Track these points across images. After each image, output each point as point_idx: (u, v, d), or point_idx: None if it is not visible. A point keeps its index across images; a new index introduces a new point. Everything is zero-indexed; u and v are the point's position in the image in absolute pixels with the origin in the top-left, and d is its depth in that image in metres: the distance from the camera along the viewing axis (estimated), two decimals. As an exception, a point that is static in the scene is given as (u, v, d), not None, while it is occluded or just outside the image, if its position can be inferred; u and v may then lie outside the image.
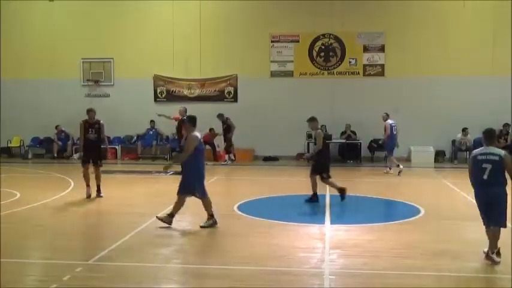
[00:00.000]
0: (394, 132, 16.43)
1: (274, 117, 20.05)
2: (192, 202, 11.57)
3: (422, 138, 19.80)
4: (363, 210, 11.11)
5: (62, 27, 21.10)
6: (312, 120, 11.54)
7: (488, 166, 6.67)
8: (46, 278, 6.29)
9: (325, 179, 11.26)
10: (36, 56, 21.17)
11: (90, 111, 11.83)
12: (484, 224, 6.87)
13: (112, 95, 21.31)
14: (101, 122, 11.78)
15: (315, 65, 20.57)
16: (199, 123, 9.02)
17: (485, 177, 6.71)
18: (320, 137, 11.25)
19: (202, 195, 8.81)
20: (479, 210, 6.95)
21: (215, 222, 8.72)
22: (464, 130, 19.33)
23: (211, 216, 8.77)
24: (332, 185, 11.33)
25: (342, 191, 11.13)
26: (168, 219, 8.75)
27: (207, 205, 8.81)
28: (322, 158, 11.35)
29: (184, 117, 15.30)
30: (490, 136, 6.91)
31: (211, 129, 19.92)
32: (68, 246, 7.73)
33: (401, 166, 16.03)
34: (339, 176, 16.15)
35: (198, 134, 8.74)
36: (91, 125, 11.66)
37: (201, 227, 8.64)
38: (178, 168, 9.46)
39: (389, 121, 16.64)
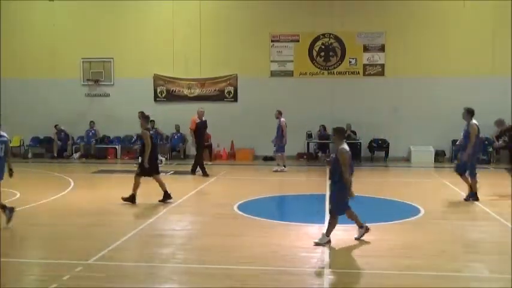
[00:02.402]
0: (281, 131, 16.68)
1: (274, 117, 20.02)
2: (192, 202, 11.60)
3: (422, 138, 19.82)
4: (363, 210, 11.07)
5: (62, 27, 21.10)
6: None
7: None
8: (46, 277, 6.29)
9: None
10: (36, 56, 21.17)
11: None
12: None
13: (112, 94, 21.31)
14: None
15: (315, 64, 20.57)
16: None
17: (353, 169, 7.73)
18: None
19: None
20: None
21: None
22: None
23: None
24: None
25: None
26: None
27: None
28: None
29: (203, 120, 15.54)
30: (341, 133, 7.77)
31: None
32: (68, 246, 7.73)
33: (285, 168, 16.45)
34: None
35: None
36: None
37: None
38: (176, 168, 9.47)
39: (282, 119, 16.93)
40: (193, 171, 15.53)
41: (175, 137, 20.79)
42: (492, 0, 19.49)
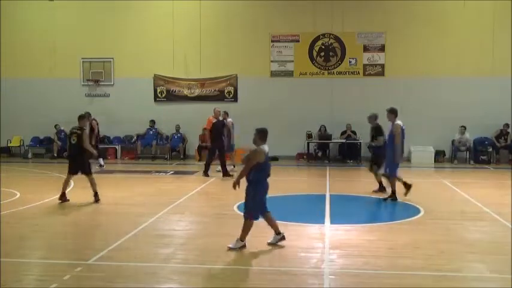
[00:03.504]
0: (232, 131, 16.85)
1: (274, 117, 20.04)
2: (192, 202, 11.60)
3: (422, 138, 19.80)
4: (363, 210, 11.12)
5: (62, 27, 21.10)
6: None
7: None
8: (46, 277, 6.29)
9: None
10: (36, 56, 21.17)
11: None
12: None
13: (112, 94, 21.32)
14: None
15: (315, 65, 20.57)
16: (199, 123, 9.01)
17: (270, 173, 7.64)
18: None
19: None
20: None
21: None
22: (461, 129, 19.31)
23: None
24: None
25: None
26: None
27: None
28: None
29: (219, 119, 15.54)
30: (263, 134, 7.61)
31: (204, 129, 20.01)
32: (68, 246, 7.73)
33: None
34: (339, 176, 16.21)
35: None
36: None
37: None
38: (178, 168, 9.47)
39: (229, 119, 17.03)
40: (206, 173, 15.30)
41: (175, 137, 20.79)
42: (492, 0, 19.49)
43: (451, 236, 8.43)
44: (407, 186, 11.43)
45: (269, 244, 7.57)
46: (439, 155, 19.72)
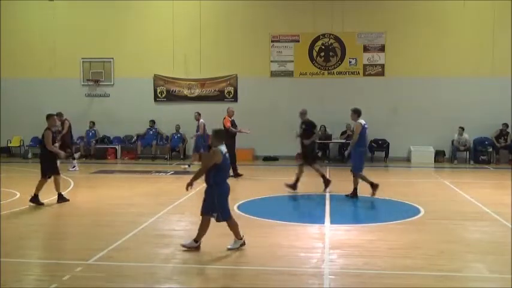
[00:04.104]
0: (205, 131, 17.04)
1: (274, 117, 20.04)
2: (192, 202, 11.58)
3: (422, 138, 19.82)
4: (363, 210, 11.12)
5: (62, 27, 21.10)
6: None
7: None
8: (46, 277, 6.30)
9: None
10: (36, 56, 21.17)
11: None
12: None
13: (112, 94, 21.31)
14: None
15: (315, 65, 20.57)
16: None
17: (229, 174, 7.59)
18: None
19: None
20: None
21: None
22: (460, 130, 19.31)
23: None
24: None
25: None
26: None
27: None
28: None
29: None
30: (220, 135, 7.46)
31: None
32: (67, 246, 7.73)
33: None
34: (339, 176, 16.18)
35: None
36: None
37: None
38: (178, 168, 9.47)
39: (201, 120, 17.21)
40: (236, 173, 15.26)
41: (175, 137, 20.79)
42: (492, 0, 19.49)
43: (451, 236, 8.43)
44: (374, 186, 11.50)
45: (229, 249, 7.35)
46: (439, 155, 19.72)
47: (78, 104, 21.28)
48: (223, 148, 7.29)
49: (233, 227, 7.47)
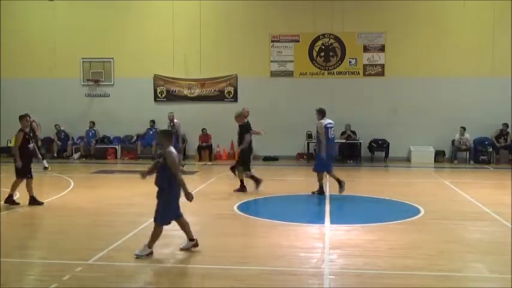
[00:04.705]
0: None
1: (274, 117, 20.03)
2: (192, 202, 11.55)
3: (422, 138, 19.83)
4: (363, 210, 11.12)
5: (62, 27, 21.10)
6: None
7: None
8: (46, 277, 6.29)
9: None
10: (36, 56, 21.17)
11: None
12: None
13: (112, 94, 21.32)
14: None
15: (315, 65, 20.57)
16: (199, 123, 9.01)
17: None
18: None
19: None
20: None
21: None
22: (461, 130, 19.31)
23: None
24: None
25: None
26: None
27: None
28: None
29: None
30: (169, 136, 7.25)
31: (203, 130, 20.12)
32: (67, 246, 7.72)
33: None
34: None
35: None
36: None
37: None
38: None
39: (176, 120, 17.21)
40: (251, 176, 15.29)
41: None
42: (492, 0, 19.49)
43: (451, 236, 8.43)
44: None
45: (182, 249, 7.28)
46: (439, 155, 19.73)
47: (78, 104, 21.30)
48: (173, 149, 7.11)
49: (184, 227, 7.33)
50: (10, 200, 10.69)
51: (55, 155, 20.70)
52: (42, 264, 6.95)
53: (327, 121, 11.91)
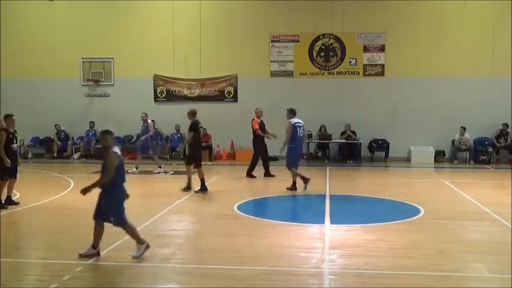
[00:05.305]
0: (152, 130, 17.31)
1: (274, 117, 19.98)
2: (192, 202, 11.57)
3: (422, 138, 19.82)
4: (363, 210, 11.12)
5: (62, 27, 21.10)
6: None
7: None
8: (46, 277, 6.29)
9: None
10: (36, 56, 21.17)
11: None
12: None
13: (112, 94, 21.32)
14: None
15: (315, 65, 20.57)
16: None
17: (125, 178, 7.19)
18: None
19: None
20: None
21: None
22: (461, 130, 19.31)
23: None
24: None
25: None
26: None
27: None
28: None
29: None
30: (112, 136, 7.07)
31: (203, 130, 20.06)
32: (67, 246, 7.72)
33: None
34: (339, 176, 16.20)
35: None
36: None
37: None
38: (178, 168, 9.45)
39: (149, 120, 17.24)
40: (250, 174, 15.25)
41: (175, 137, 20.79)
42: (492, 0, 19.49)
43: (451, 236, 8.43)
44: (306, 180, 12.38)
45: (134, 257, 6.90)
46: (439, 155, 19.73)
47: (78, 104, 21.30)
48: (117, 149, 6.98)
49: (131, 231, 7.07)
50: (10, 201, 10.65)
51: (55, 155, 20.71)
52: (42, 264, 6.95)
53: (295, 120, 12.50)
